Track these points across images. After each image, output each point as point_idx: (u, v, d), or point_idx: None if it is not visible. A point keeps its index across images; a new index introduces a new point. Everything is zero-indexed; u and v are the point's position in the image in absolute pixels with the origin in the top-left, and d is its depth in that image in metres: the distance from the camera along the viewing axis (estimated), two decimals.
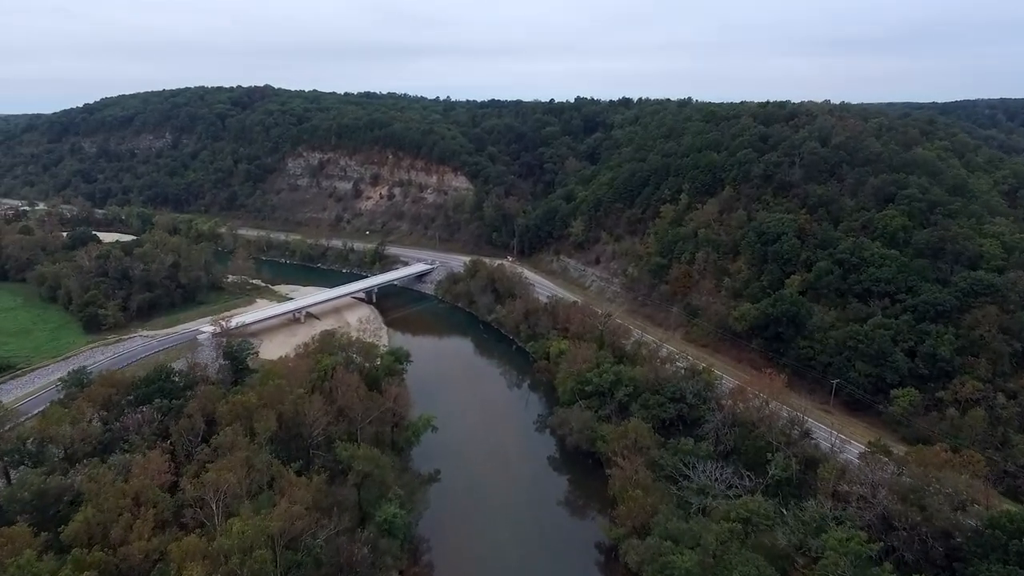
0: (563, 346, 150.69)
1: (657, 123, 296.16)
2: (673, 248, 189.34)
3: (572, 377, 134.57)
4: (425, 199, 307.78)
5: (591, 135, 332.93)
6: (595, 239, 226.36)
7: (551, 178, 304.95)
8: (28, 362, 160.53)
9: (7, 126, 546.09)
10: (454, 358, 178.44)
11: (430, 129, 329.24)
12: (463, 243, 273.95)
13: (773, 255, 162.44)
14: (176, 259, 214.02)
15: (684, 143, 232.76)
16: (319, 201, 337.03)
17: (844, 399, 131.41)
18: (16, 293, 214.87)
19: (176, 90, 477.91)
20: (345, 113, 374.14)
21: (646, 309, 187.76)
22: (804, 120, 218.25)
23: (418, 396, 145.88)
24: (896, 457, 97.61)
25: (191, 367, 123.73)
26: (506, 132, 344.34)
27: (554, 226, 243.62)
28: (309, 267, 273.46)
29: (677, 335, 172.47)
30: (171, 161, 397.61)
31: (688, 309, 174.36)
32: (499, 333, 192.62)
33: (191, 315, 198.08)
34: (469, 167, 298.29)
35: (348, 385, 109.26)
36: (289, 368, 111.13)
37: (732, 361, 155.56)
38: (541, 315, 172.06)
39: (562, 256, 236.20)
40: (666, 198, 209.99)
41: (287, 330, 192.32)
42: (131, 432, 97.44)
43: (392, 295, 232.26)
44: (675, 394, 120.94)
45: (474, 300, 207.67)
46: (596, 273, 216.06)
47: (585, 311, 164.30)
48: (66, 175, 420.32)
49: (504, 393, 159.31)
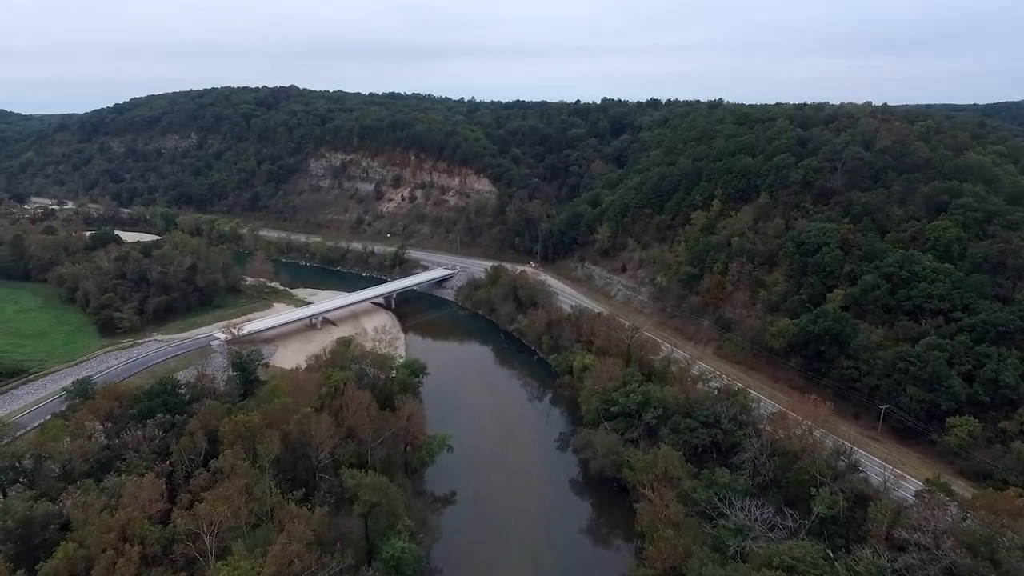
0: (587, 361, 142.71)
1: (687, 125, 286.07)
2: (704, 257, 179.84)
3: (597, 395, 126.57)
4: (447, 202, 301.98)
5: (618, 137, 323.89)
6: (622, 246, 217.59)
7: (576, 181, 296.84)
8: (42, 366, 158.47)
9: (41, 126, 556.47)
10: (473, 369, 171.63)
11: (453, 130, 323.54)
12: (485, 247, 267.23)
13: (813, 267, 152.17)
14: (194, 261, 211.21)
15: (716, 146, 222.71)
16: (340, 203, 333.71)
17: (893, 426, 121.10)
18: (37, 294, 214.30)
19: (203, 90, 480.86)
20: (368, 114, 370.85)
21: (675, 321, 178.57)
22: (845, 123, 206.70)
23: (435, 409, 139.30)
24: (960, 499, 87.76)
25: (198, 378, 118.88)
26: (530, 134, 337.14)
27: (579, 232, 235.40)
28: (328, 270, 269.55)
29: (708, 350, 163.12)
30: (196, 161, 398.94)
31: (720, 323, 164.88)
32: (520, 343, 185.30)
33: (207, 319, 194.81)
34: (492, 169, 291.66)
35: (358, 403, 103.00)
36: (298, 383, 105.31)
37: (768, 380, 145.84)
38: (564, 326, 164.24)
39: (587, 263, 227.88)
40: (697, 204, 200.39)
41: (303, 336, 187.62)
42: (130, 450, 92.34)
43: (411, 301, 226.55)
44: (708, 418, 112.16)
45: (495, 308, 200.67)
46: (622, 282, 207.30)
47: (611, 323, 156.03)
48: (95, 174, 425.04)
49: (525, 408, 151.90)
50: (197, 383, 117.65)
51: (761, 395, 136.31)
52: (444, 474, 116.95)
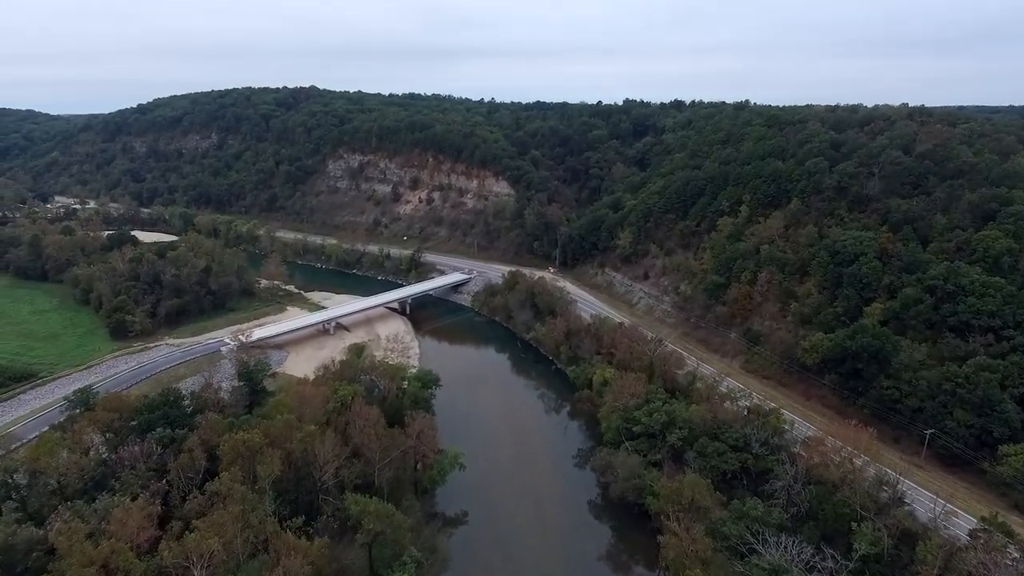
0: (608, 375, 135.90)
1: (712, 127, 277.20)
2: (731, 265, 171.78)
3: (617, 413, 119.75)
4: (465, 204, 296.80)
5: (640, 139, 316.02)
6: (644, 252, 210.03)
7: (597, 184, 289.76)
8: (51, 370, 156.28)
9: (67, 126, 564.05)
10: (488, 378, 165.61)
11: (471, 132, 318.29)
12: (502, 251, 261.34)
13: (849, 278, 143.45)
14: (209, 263, 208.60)
15: (744, 149, 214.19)
16: (357, 204, 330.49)
17: (938, 452, 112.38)
18: (53, 295, 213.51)
19: (224, 91, 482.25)
20: (386, 114, 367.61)
21: (700, 332, 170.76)
22: (881, 125, 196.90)
23: (448, 421, 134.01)
24: (1021, 541, 79.48)
25: (203, 388, 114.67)
26: (550, 135, 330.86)
27: (599, 236, 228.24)
28: (344, 273, 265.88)
29: (736, 364, 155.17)
30: (216, 161, 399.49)
31: (749, 335, 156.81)
32: (538, 352, 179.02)
33: (219, 323, 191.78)
34: (511, 172, 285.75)
35: (366, 420, 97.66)
36: (303, 397, 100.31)
37: (800, 398, 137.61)
38: (584, 336, 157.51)
39: (607, 269, 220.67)
40: (724, 210, 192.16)
41: (315, 342, 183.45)
42: (126, 467, 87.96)
43: (427, 306, 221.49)
44: (737, 441, 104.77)
45: (512, 315, 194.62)
46: (644, 289, 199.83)
47: (633, 335, 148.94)
48: (117, 174, 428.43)
49: (541, 421, 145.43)
50: (201, 393, 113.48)
51: (793, 414, 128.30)
52: (456, 492, 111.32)
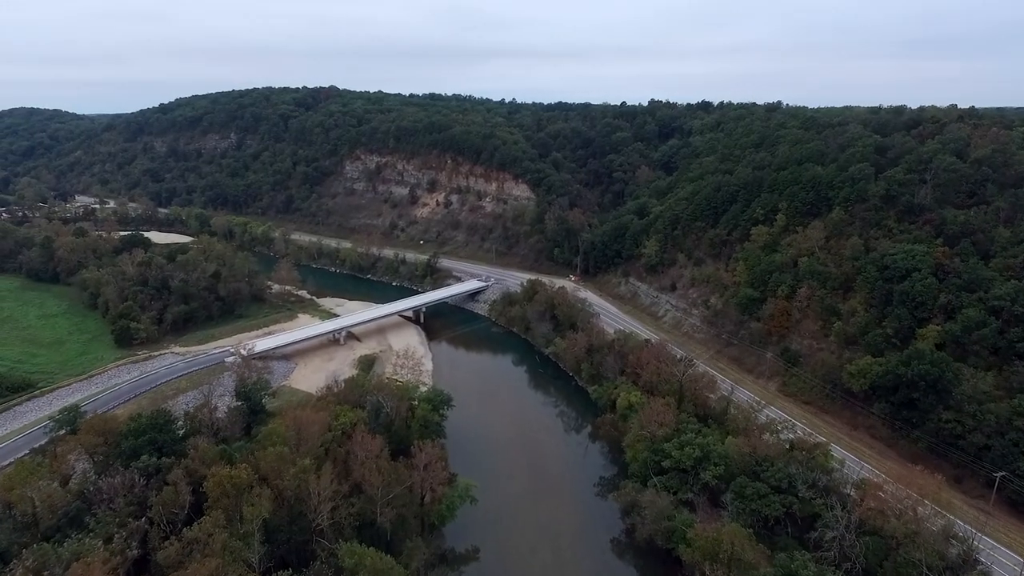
0: (633, 398, 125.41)
1: (743, 130, 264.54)
2: (767, 279, 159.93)
3: (644, 443, 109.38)
4: (483, 208, 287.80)
5: (666, 142, 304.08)
6: (671, 262, 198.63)
7: (620, 188, 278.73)
8: (51, 379, 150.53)
9: (91, 126, 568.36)
10: (504, 396, 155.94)
11: (491, 133, 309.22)
12: (521, 258, 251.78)
13: (900, 296, 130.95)
14: (218, 268, 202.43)
15: (779, 154, 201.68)
16: (374, 207, 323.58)
17: (1010, 497, 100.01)
18: (63, 298, 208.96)
19: (244, 90, 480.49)
20: (405, 115, 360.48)
21: (732, 350, 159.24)
22: (930, 129, 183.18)
23: (459, 444, 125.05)
24: None
25: (197, 408, 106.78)
26: (572, 137, 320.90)
27: (624, 244, 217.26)
28: (358, 278, 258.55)
29: (772, 386, 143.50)
30: (233, 162, 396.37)
31: (786, 355, 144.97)
32: (557, 367, 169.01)
33: (227, 331, 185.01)
34: (531, 175, 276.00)
35: (368, 452, 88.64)
36: (301, 423, 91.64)
37: (845, 427, 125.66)
38: (607, 354, 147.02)
39: (632, 279, 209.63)
40: (758, 218, 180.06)
41: (325, 352, 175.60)
42: (104, 502, 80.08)
43: (442, 314, 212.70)
44: (780, 482, 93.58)
45: (530, 326, 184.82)
46: (671, 301, 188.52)
47: (660, 354, 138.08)
48: (137, 174, 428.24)
49: (560, 445, 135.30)
50: (196, 414, 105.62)
51: (837, 445, 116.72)
52: (466, 527, 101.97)
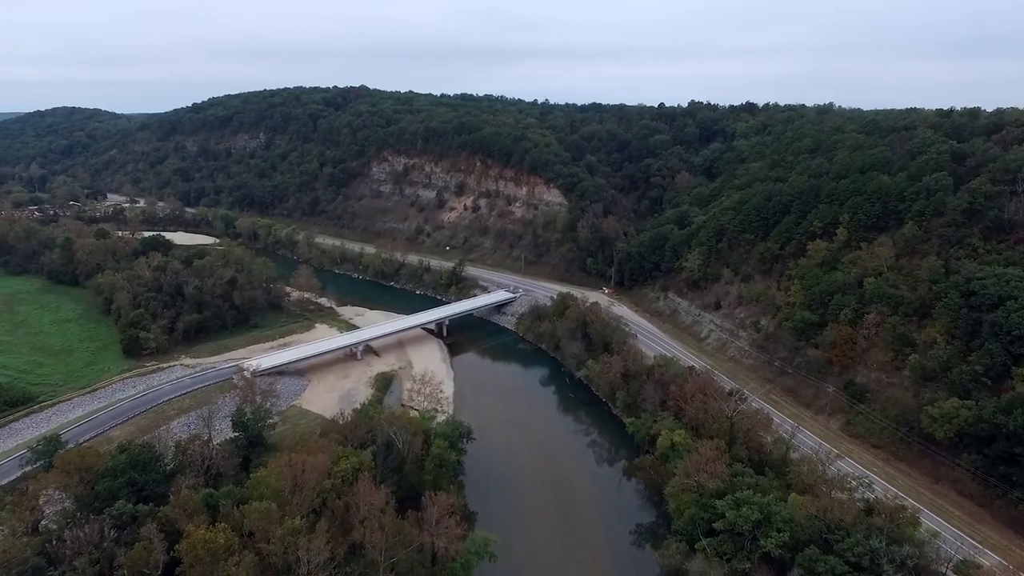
0: (676, 438, 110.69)
1: (793, 133, 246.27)
2: (827, 300, 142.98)
3: (691, 496, 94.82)
4: (512, 213, 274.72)
5: (708, 145, 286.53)
6: (715, 277, 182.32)
7: (658, 194, 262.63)
8: (53, 392, 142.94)
9: (127, 125, 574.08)
10: (530, 424, 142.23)
11: (522, 135, 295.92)
12: (552, 267, 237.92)
13: (992, 327, 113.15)
14: (234, 275, 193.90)
15: (838, 160, 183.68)
16: (400, 210, 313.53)
17: None
18: (79, 301, 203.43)
19: (275, 90, 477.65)
20: (434, 115, 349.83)
21: (787, 380, 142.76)
22: (1016, 133, 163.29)
23: (478, 484, 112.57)
24: None
25: (188, 441, 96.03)
26: (607, 139, 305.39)
27: (663, 256, 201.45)
28: (381, 285, 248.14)
29: (834, 424, 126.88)
30: (261, 162, 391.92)
31: (851, 389, 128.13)
32: (589, 391, 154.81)
33: (240, 342, 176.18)
34: (564, 179, 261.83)
35: (371, 506, 76.25)
36: (296, 470, 79.69)
37: (925, 479, 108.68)
38: (646, 382, 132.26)
39: (671, 294, 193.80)
40: (815, 231, 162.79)
41: (340, 368, 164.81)
42: (66, 560, 69.40)
43: (466, 327, 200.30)
44: (861, 558, 78.04)
45: (560, 344, 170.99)
46: (716, 321, 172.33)
47: (706, 386, 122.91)
48: (168, 173, 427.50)
49: (592, 486, 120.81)
50: (187, 446, 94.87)
51: (917, 502, 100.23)
52: None
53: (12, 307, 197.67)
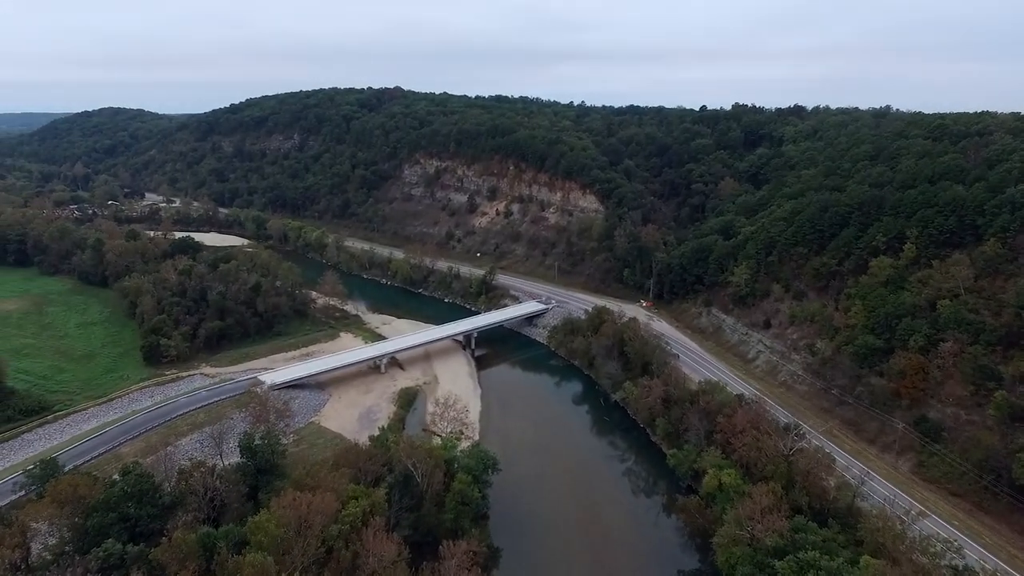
0: (725, 477, 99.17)
1: (848, 138, 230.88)
2: (894, 324, 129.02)
3: (743, 549, 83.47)
4: (546, 219, 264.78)
5: (753, 151, 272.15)
6: (764, 292, 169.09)
7: (700, 202, 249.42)
8: (70, 401, 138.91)
9: (168, 125, 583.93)
10: (562, 451, 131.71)
11: (557, 138, 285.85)
12: (586, 277, 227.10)
13: None
14: (259, 280, 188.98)
15: (903, 168, 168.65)
16: (431, 214, 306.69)
17: None
18: (107, 304, 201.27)
19: (310, 91, 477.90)
20: (467, 117, 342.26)
21: (846, 411, 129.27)
22: None
23: (503, 522, 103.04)
24: None
25: (192, 468, 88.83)
26: (646, 143, 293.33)
27: (706, 268, 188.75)
28: (409, 292, 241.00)
29: (904, 465, 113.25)
30: (295, 163, 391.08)
31: (923, 426, 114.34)
32: (625, 414, 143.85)
33: (262, 350, 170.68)
34: (600, 184, 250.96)
35: (381, 558, 67.37)
36: (301, 510, 71.37)
37: (1017, 537, 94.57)
38: (689, 411, 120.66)
39: (715, 310, 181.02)
40: (878, 246, 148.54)
41: (362, 382, 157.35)
42: None
43: (495, 339, 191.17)
44: None
45: (595, 362, 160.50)
46: (765, 341, 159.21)
47: (759, 419, 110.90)
48: (204, 173, 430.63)
49: (628, 521, 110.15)
50: (192, 471, 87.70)
51: (1011, 567, 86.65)
52: None
53: (41, 308, 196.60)
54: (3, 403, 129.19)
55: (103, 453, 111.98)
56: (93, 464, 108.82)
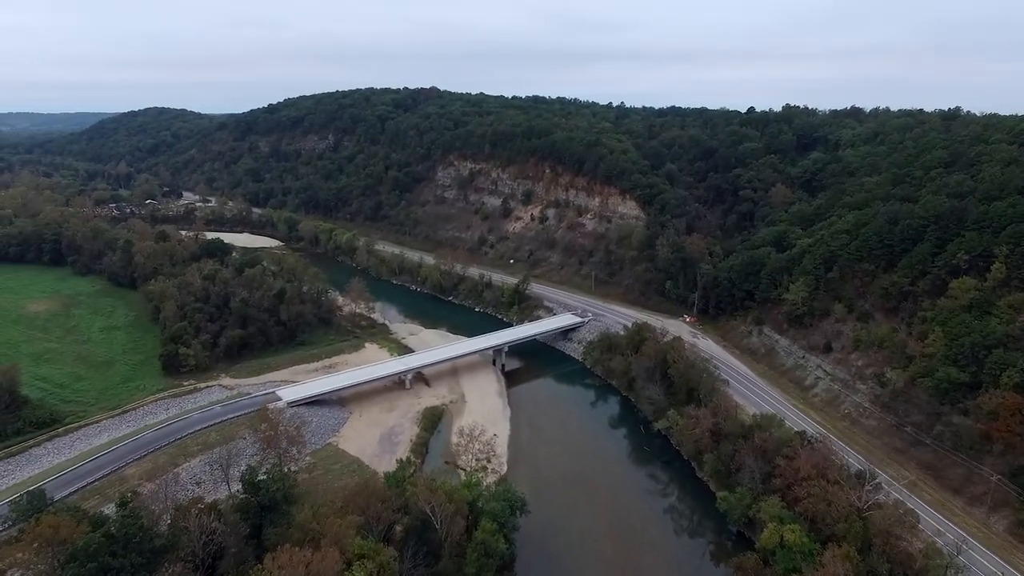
0: (788, 534, 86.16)
1: (915, 143, 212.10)
2: (981, 356, 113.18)
3: None
4: (583, 226, 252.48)
5: (807, 155, 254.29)
6: (823, 312, 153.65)
7: (748, 209, 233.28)
8: (84, 412, 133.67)
9: (208, 124, 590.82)
10: (598, 485, 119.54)
11: (596, 141, 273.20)
12: (625, 289, 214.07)
13: None
14: (283, 287, 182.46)
15: (986, 177, 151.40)
16: (464, 218, 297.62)
17: None
18: (133, 307, 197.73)
19: (346, 91, 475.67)
20: (503, 118, 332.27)
21: (923, 452, 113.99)
22: None
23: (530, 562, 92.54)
24: None
25: (189, 504, 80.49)
26: (690, 146, 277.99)
27: (757, 283, 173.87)
28: (438, 299, 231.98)
29: (998, 523, 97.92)
30: (329, 164, 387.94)
31: (1020, 478, 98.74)
32: (667, 443, 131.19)
33: (284, 361, 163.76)
34: (642, 190, 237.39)
35: None
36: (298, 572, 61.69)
37: None
38: (743, 448, 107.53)
39: (767, 329, 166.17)
40: (960, 265, 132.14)
41: (385, 398, 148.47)
42: None
43: (526, 353, 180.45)
44: None
45: (635, 384, 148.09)
46: (825, 367, 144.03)
47: (826, 465, 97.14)
48: (240, 173, 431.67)
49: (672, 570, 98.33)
50: (188, 510, 79.32)
51: None
52: None
53: (69, 310, 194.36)
54: (15, 414, 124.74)
55: (107, 475, 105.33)
56: (95, 487, 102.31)
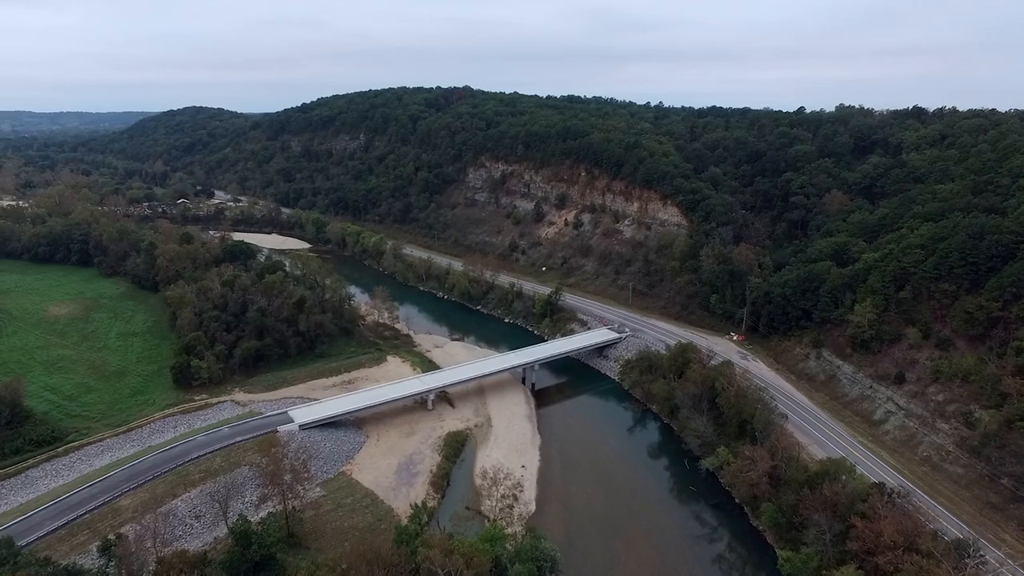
0: None
1: (993, 147, 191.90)
2: None
3: None
4: (620, 233, 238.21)
5: (865, 159, 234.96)
6: (893, 336, 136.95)
7: (800, 217, 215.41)
8: (88, 429, 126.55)
9: (243, 124, 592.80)
10: (636, 527, 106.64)
11: (635, 142, 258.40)
12: (666, 302, 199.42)
13: None
14: (303, 295, 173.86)
15: None
16: (495, 222, 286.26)
17: None
18: (153, 312, 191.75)
19: (379, 90, 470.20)
20: (537, 118, 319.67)
21: (1020, 507, 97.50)
22: None
23: None
24: None
25: (174, 556, 70.53)
26: (735, 149, 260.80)
27: (816, 301, 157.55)
28: (466, 308, 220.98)
29: None
30: (359, 164, 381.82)
31: None
32: (716, 482, 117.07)
33: (301, 375, 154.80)
34: (684, 196, 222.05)
35: None
36: None
37: None
38: (808, 498, 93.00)
39: (827, 353, 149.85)
40: None
41: (406, 419, 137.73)
42: None
43: (558, 368, 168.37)
44: None
45: (678, 413, 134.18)
46: (897, 400, 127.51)
47: (914, 528, 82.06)
48: (272, 173, 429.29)
49: None
50: (170, 563, 69.41)
51: None
52: None
53: (89, 314, 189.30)
54: (16, 430, 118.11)
55: (99, 506, 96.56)
56: (85, 520, 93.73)
